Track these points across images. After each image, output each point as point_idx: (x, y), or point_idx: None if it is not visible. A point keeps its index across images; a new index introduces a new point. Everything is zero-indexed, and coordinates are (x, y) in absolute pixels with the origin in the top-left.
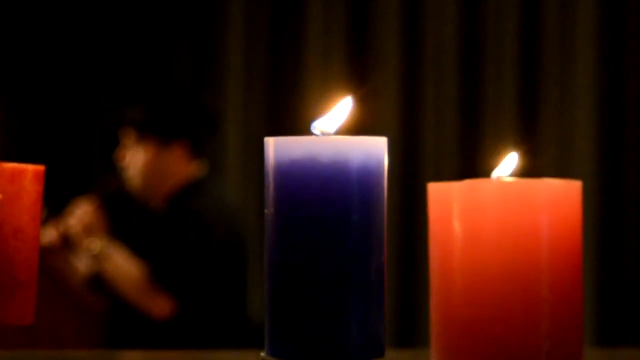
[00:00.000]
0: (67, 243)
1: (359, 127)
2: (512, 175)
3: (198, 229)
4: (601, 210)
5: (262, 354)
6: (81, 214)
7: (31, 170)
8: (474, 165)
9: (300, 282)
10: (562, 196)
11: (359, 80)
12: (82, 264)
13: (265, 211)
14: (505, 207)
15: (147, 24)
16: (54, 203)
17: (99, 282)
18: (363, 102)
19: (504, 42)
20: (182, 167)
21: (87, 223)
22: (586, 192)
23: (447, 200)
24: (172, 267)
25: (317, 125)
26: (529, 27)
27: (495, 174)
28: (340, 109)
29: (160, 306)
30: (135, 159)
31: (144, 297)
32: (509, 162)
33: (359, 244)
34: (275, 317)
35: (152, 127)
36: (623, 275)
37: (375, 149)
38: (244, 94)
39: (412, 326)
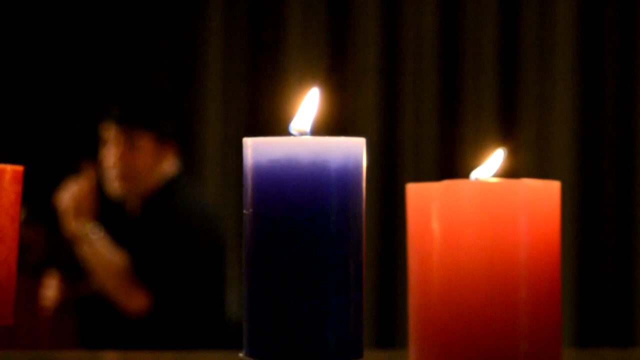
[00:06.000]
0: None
1: (338, 127)
2: (491, 175)
3: (175, 229)
4: (580, 211)
5: (241, 354)
6: (76, 190)
7: (10, 171)
8: (453, 165)
9: (279, 282)
10: (540, 197)
11: (338, 80)
12: (51, 291)
13: (244, 212)
14: (483, 207)
15: (126, 21)
16: (33, 201)
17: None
18: (342, 102)
19: (483, 41)
20: (151, 162)
21: (79, 201)
22: (565, 193)
23: (425, 201)
24: (151, 264)
25: (294, 126)
26: (509, 26)
27: (474, 174)
28: (309, 102)
29: (136, 301)
30: (107, 158)
31: (121, 290)
32: (495, 159)
33: (337, 245)
34: (253, 317)
35: (118, 120)
36: (601, 275)
37: (353, 149)
38: (224, 94)
39: (390, 327)
